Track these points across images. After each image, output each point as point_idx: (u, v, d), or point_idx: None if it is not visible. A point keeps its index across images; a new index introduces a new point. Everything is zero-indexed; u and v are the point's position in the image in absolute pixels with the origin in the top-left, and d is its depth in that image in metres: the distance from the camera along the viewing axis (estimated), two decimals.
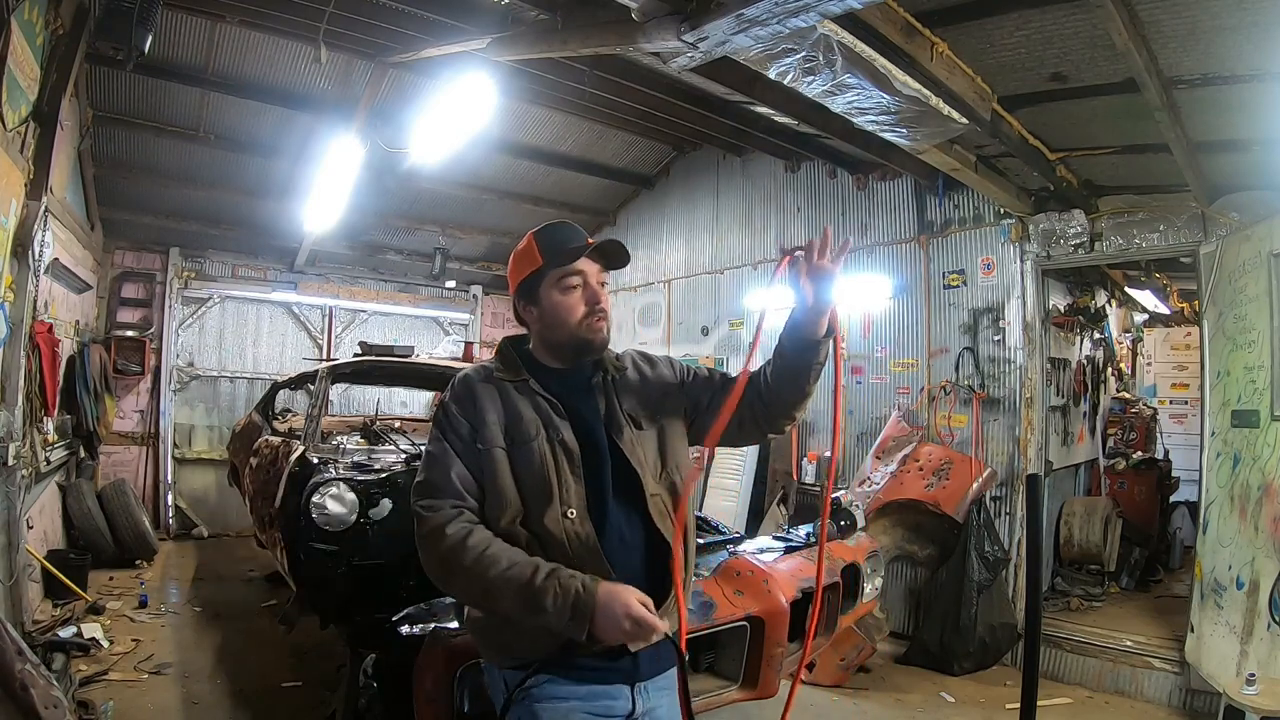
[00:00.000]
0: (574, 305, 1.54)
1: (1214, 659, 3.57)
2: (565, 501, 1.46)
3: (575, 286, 1.54)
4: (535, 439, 1.49)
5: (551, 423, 1.52)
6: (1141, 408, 6.72)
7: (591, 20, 3.40)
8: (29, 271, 3.80)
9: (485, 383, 1.56)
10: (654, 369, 1.71)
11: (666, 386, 1.69)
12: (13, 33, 3.12)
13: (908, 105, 3.14)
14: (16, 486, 3.74)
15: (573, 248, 1.55)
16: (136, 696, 3.61)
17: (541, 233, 1.60)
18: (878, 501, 4.70)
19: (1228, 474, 3.72)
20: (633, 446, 1.55)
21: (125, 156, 6.18)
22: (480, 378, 1.58)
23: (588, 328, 1.55)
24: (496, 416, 1.52)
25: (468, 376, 1.60)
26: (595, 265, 1.57)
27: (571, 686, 1.44)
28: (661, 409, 1.65)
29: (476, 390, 1.55)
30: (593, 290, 1.55)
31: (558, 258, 1.54)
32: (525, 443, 1.49)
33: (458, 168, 6.42)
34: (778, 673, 2.65)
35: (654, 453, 1.59)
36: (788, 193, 6.17)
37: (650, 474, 1.55)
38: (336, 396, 7.43)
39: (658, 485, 1.56)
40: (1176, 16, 2.70)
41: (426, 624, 2.25)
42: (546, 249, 1.56)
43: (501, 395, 1.55)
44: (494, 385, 1.56)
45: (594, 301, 1.55)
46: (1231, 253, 3.85)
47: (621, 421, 1.57)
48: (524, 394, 1.55)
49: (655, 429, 1.62)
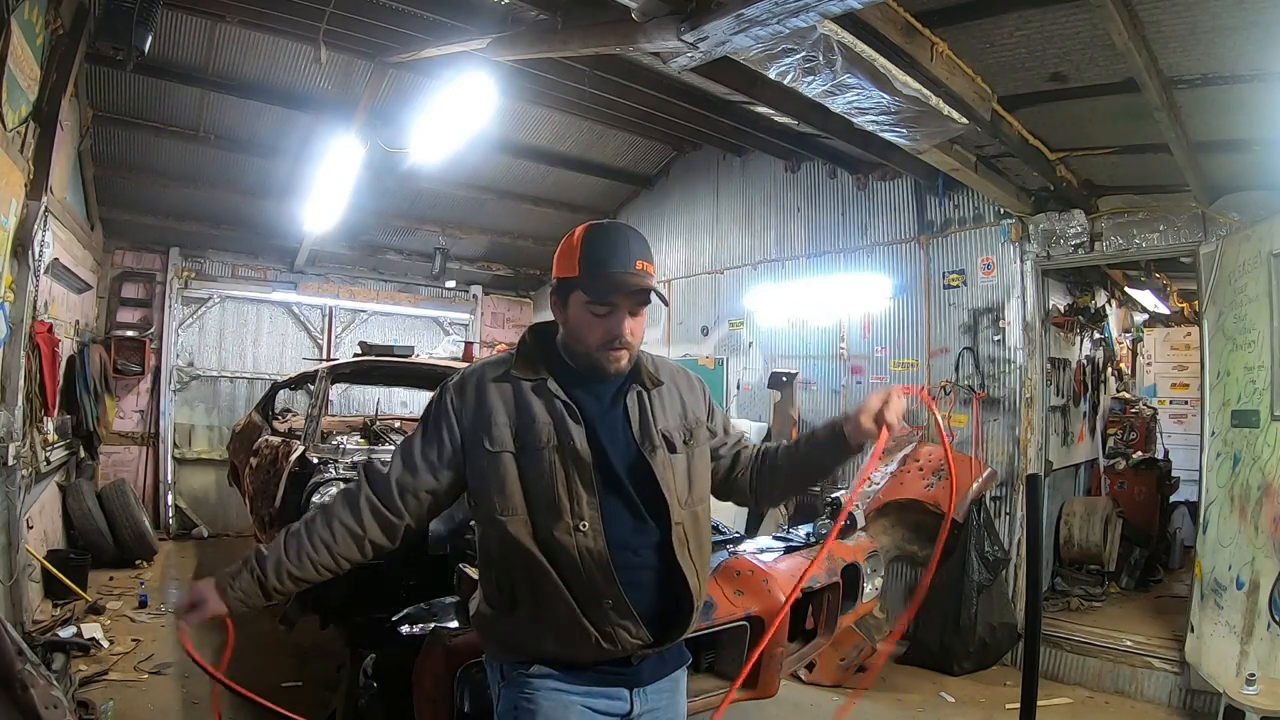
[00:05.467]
0: (596, 329, 1.47)
1: (1214, 659, 3.57)
2: (576, 514, 1.41)
3: (602, 315, 1.46)
4: (545, 447, 1.44)
5: (564, 428, 1.45)
6: (1141, 408, 6.72)
7: (591, 20, 3.40)
8: (29, 271, 3.80)
9: (499, 381, 1.50)
10: (693, 392, 1.65)
11: (700, 413, 1.64)
12: (13, 33, 3.11)
13: (908, 105, 3.14)
14: (16, 486, 3.74)
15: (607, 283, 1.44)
16: (136, 696, 3.61)
17: (590, 237, 1.48)
18: (877, 501, 4.70)
19: (1228, 474, 3.71)
20: (665, 469, 1.49)
21: (125, 156, 6.18)
22: (494, 375, 1.52)
23: (604, 356, 1.48)
24: (506, 418, 1.46)
25: (480, 372, 1.54)
26: (631, 299, 1.47)
27: (571, 684, 1.44)
28: (694, 437, 1.59)
29: (487, 388, 1.50)
30: (617, 321, 1.46)
31: (594, 283, 1.45)
32: (535, 450, 1.44)
33: (458, 168, 6.42)
34: (778, 673, 2.65)
35: (683, 479, 1.53)
36: (788, 193, 6.16)
37: (676, 499, 1.49)
38: (336, 396, 7.42)
39: (682, 512, 1.50)
40: (1176, 16, 2.70)
41: (426, 624, 2.25)
42: (587, 263, 1.45)
43: (516, 394, 1.49)
44: (509, 384, 1.50)
45: (615, 333, 1.46)
46: (1231, 253, 3.85)
47: (656, 441, 1.50)
48: (540, 395, 1.48)
49: (686, 455, 1.55)
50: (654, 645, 1.46)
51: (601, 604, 1.40)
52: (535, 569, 1.42)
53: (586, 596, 1.40)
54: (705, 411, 1.66)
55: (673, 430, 1.55)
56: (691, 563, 1.49)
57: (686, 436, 1.57)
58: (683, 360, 6.66)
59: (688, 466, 1.55)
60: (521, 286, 9.48)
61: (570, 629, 1.41)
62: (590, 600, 1.40)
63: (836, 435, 1.55)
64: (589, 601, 1.40)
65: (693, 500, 1.54)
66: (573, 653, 1.43)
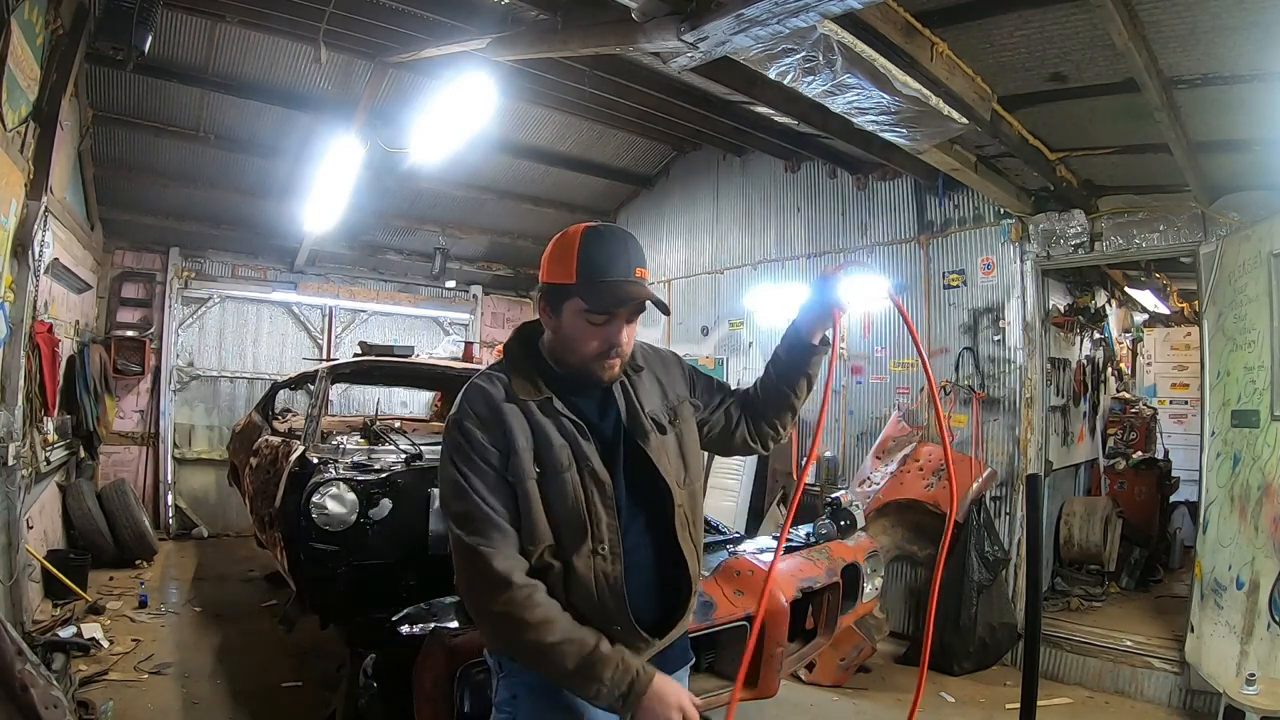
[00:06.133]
0: (592, 339, 1.44)
1: (1214, 659, 3.57)
2: (598, 538, 1.40)
3: (600, 324, 1.42)
4: (568, 470, 1.41)
5: (580, 450, 1.43)
6: (1141, 408, 6.72)
7: (591, 20, 3.40)
8: (29, 271, 3.80)
9: (509, 403, 1.43)
10: (668, 370, 1.66)
11: (680, 389, 1.64)
12: (13, 33, 3.12)
13: (908, 105, 3.14)
14: (16, 486, 3.74)
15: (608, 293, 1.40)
16: (136, 696, 3.61)
17: (588, 243, 1.42)
18: (878, 501, 4.70)
19: (1228, 474, 3.72)
20: (659, 453, 1.50)
21: (125, 156, 6.18)
22: (503, 397, 1.44)
23: (599, 365, 1.46)
24: (525, 442, 1.41)
25: (489, 396, 1.44)
26: (629, 309, 1.44)
27: None
28: (679, 413, 1.60)
29: (503, 413, 1.42)
30: (615, 330, 1.43)
31: (592, 292, 1.40)
32: (557, 474, 1.40)
33: (458, 168, 6.42)
34: (778, 672, 2.65)
35: (676, 459, 1.54)
36: (788, 193, 6.16)
37: (675, 481, 1.50)
38: (336, 396, 7.43)
39: (681, 493, 1.50)
40: (1176, 16, 2.70)
41: (426, 624, 2.26)
42: (585, 271, 1.40)
43: (527, 417, 1.43)
44: (517, 406, 1.43)
45: (613, 342, 1.44)
46: (1231, 253, 3.85)
47: (646, 426, 1.51)
48: (549, 415, 1.44)
49: (675, 434, 1.57)
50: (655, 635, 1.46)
51: (610, 629, 1.40)
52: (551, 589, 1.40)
53: (596, 620, 1.40)
54: (686, 386, 1.67)
55: (658, 412, 1.56)
56: (692, 544, 1.52)
57: (671, 416, 1.58)
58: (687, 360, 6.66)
59: (678, 445, 1.57)
60: (521, 286, 9.47)
61: None
62: (599, 624, 1.40)
63: (796, 339, 1.64)
64: (597, 624, 1.39)
65: (689, 479, 1.56)
66: None
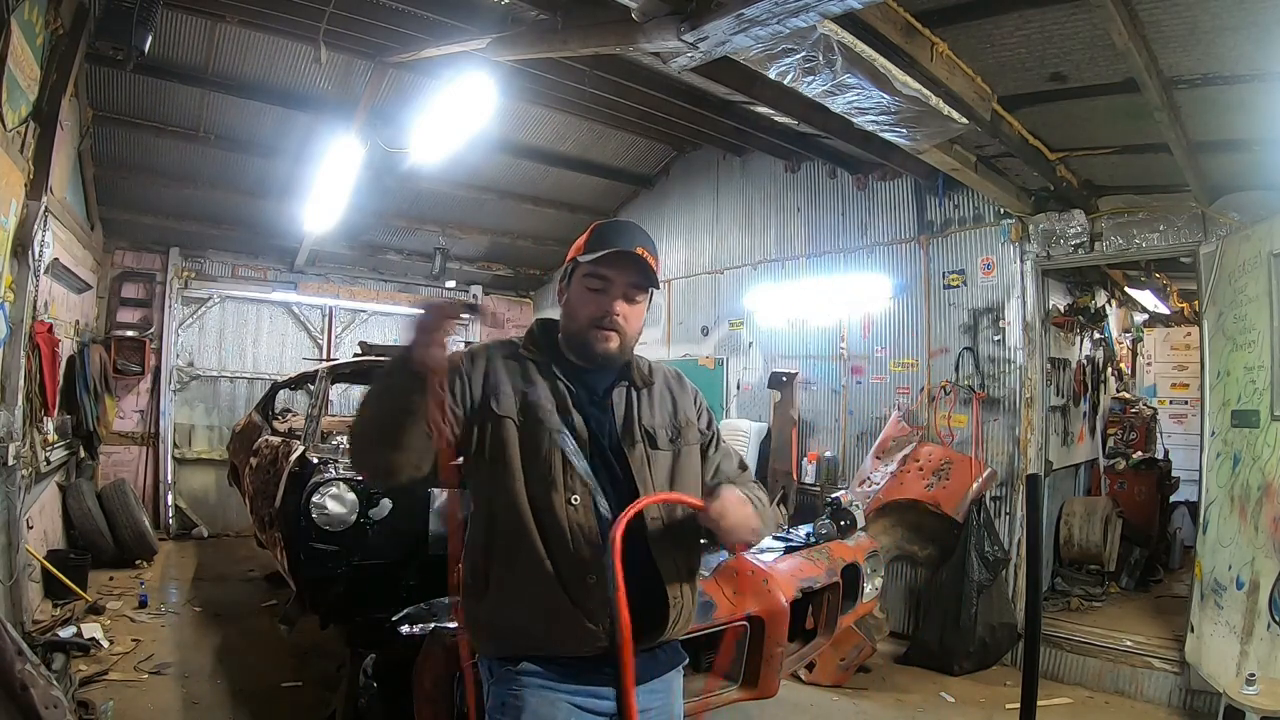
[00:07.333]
0: (588, 304, 1.51)
1: (1214, 659, 3.57)
2: (569, 488, 1.44)
3: (597, 289, 1.50)
4: (546, 421, 1.47)
5: (565, 408, 1.49)
6: (1141, 408, 6.72)
7: (591, 20, 3.40)
8: (29, 271, 3.80)
9: (508, 358, 1.54)
10: (685, 395, 1.66)
11: (690, 416, 1.64)
12: (13, 33, 3.11)
13: (908, 105, 3.14)
14: (16, 486, 3.74)
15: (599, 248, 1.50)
16: (136, 696, 3.61)
17: (601, 225, 1.58)
18: (878, 501, 4.70)
19: (1228, 474, 3.72)
20: (641, 464, 1.50)
21: (125, 156, 6.17)
22: (503, 352, 1.56)
23: (594, 335, 1.50)
24: (512, 389, 1.50)
25: (488, 346, 1.58)
26: (627, 278, 1.50)
27: (557, 682, 1.43)
28: (683, 435, 1.59)
29: (495, 359, 1.53)
30: (610, 299, 1.50)
31: (592, 250, 1.51)
32: (536, 421, 1.47)
33: (458, 168, 6.42)
34: (778, 672, 2.65)
35: (664, 475, 1.53)
36: (788, 193, 6.16)
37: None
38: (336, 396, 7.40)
39: (659, 510, 1.50)
40: (1176, 16, 2.70)
41: (426, 624, 2.26)
42: (592, 240, 1.54)
43: (523, 371, 1.52)
44: (516, 361, 1.54)
45: (605, 310, 1.49)
46: (1231, 253, 3.85)
47: (636, 435, 1.52)
48: (545, 375, 1.52)
49: (671, 452, 1.56)
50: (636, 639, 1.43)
51: (585, 579, 1.40)
52: (520, 541, 1.42)
53: (571, 571, 1.40)
54: (696, 414, 1.66)
55: (658, 427, 1.56)
56: (671, 563, 1.49)
57: (674, 434, 1.58)
58: (682, 360, 6.67)
59: (672, 464, 1.55)
60: (521, 286, 9.48)
61: (551, 606, 1.40)
62: (574, 575, 1.40)
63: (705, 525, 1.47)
64: (573, 576, 1.40)
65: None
66: (554, 634, 1.41)
